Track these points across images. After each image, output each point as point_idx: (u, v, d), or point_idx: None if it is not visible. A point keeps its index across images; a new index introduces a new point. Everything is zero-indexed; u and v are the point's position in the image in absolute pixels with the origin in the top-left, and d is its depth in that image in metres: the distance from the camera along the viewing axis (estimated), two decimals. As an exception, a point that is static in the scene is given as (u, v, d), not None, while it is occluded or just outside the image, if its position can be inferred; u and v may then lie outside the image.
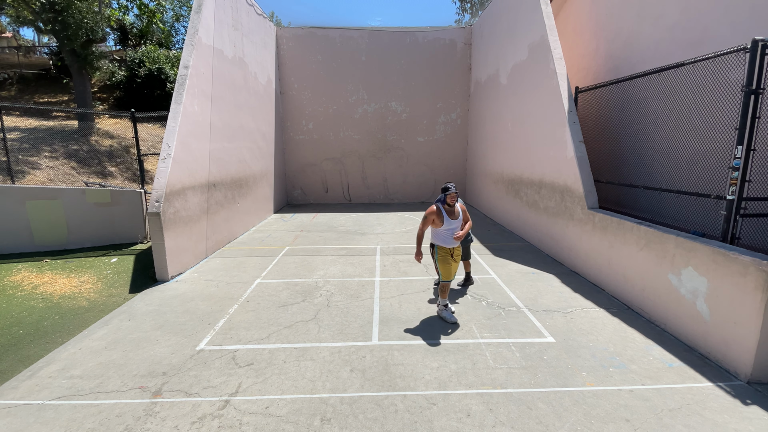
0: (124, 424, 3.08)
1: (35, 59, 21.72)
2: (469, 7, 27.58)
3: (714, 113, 4.89)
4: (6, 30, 25.95)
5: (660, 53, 6.57)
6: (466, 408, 3.24)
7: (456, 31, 13.93)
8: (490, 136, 11.68)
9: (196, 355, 4.08)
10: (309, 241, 8.79)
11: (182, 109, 6.97)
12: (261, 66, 11.42)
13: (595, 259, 6.05)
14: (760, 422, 3.07)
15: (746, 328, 3.56)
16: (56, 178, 10.39)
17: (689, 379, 3.64)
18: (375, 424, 3.07)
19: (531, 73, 8.58)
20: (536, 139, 8.34)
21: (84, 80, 14.43)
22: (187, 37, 7.65)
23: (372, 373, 3.74)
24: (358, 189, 14.56)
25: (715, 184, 4.74)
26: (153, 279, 6.32)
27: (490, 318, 4.89)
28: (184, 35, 23.42)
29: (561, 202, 7.15)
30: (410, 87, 13.95)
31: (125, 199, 8.17)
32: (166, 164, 6.50)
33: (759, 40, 4.07)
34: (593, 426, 3.03)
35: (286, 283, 6.19)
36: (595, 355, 4.03)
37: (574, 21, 9.48)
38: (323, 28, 13.55)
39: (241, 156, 9.76)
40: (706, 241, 4.14)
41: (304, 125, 14.00)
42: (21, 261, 7.17)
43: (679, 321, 4.35)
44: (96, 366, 3.91)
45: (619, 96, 6.88)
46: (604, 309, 5.15)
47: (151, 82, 17.21)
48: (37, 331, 4.70)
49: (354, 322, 4.81)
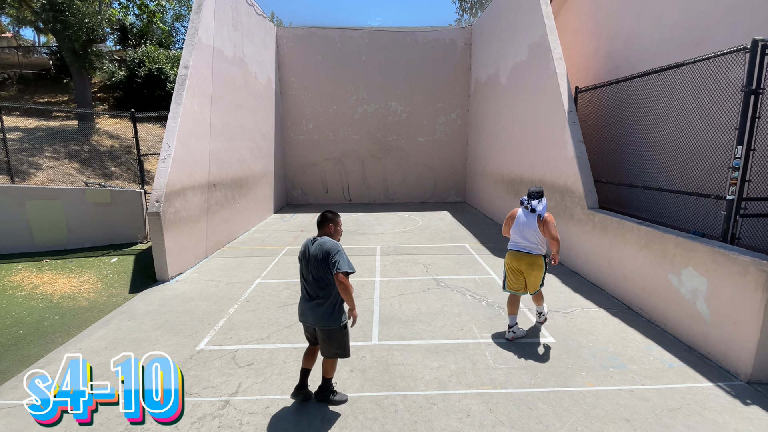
0: (124, 424, 3.08)
1: (35, 59, 21.72)
2: (468, 7, 27.58)
3: (714, 113, 4.88)
4: (6, 30, 25.95)
5: (660, 53, 6.56)
6: (466, 408, 3.24)
7: (456, 31, 13.94)
8: (490, 136, 11.67)
9: (196, 355, 4.08)
10: (309, 241, 8.78)
11: (182, 109, 6.97)
12: (261, 66, 11.41)
13: (595, 259, 6.05)
14: (760, 422, 3.07)
15: (746, 328, 3.55)
16: (56, 178, 10.39)
17: (689, 379, 3.64)
18: (375, 424, 3.07)
19: (531, 73, 8.58)
20: (536, 139, 8.34)
21: (84, 80, 14.42)
22: (187, 37, 7.65)
23: (372, 373, 3.73)
24: (358, 189, 14.56)
25: (715, 184, 4.74)
26: (153, 279, 6.31)
27: (490, 318, 4.89)
28: (184, 35, 23.41)
29: (561, 202, 7.15)
30: (410, 87, 13.95)
31: (125, 199, 8.17)
32: (166, 164, 6.50)
33: (759, 40, 4.07)
34: (593, 426, 3.03)
35: (286, 283, 6.19)
36: (595, 355, 4.03)
37: (574, 21, 9.47)
38: (323, 28, 13.55)
39: (241, 156, 9.76)
40: (706, 241, 4.14)
41: (304, 125, 14.00)
42: (21, 261, 7.17)
43: (679, 321, 4.35)
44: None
45: (619, 96, 6.88)
46: (604, 309, 5.15)
47: (151, 82, 17.20)
48: (37, 331, 4.70)
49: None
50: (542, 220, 4.19)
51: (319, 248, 3.03)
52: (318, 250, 3.03)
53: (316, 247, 3.05)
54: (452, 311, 5.09)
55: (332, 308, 3.05)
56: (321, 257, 3.00)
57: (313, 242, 3.12)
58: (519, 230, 4.33)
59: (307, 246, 3.12)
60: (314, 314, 3.05)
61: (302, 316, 3.17)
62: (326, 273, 3.01)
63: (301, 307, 3.16)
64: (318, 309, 3.04)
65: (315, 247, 3.05)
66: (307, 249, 3.10)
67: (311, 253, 3.05)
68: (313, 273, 3.03)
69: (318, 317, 3.04)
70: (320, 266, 3.01)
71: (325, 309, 3.03)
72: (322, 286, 3.04)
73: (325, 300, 3.03)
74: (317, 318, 3.05)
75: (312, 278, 3.05)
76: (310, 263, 3.04)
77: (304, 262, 3.10)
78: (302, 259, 3.13)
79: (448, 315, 4.98)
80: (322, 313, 3.04)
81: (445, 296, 5.58)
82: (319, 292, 3.04)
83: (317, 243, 3.08)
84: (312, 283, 3.06)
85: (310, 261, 3.04)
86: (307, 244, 3.14)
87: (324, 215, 3.22)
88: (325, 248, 3.01)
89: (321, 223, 3.20)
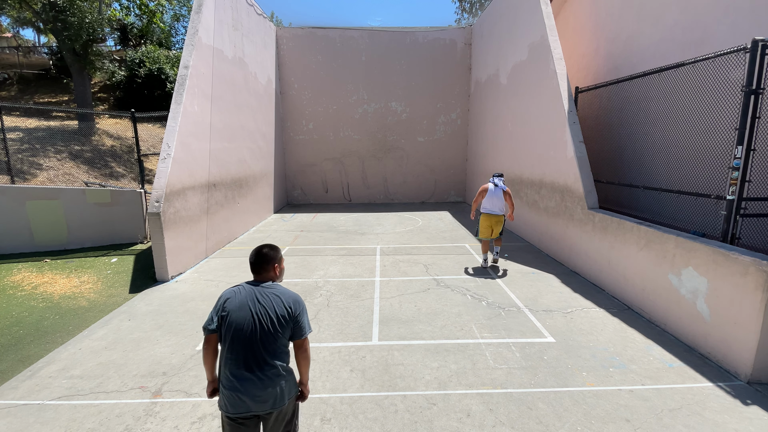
0: (124, 424, 3.08)
1: (35, 59, 21.71)
2: (468, 7, 27.59)
3: (714, 113, 4.89)
4: (6, 30, 25.95)
5: (660, 53, 6.57)
6: (466, 408, 3.24)
7: (456, 31, 13.94)
8: (490, 136, 11.67)
9: (196, 355, 4.08)
10: (309, 241, 8.79)
11: (182, 109, 6.97)
12: (261, 66, 11.41)
13: (595, 259, 6.05)
14: (760, 422, 3.06)
15: (746, 328, 3.55)
16: (56, 178, 10.40)
17: (689, 379, 3.64)
18: (375, 424, 3.06)
19: (531, 73, 8.58)
20: (536, 139, 8.34)
21: (84, 80, 14.43)
22: (187, 37, 7.65)
23: (372, 373, 3.73)
24: (358, 189, 14.56)
25: (715, 184, 4.74)
26: (153, 279, 6.32)
27: (490, 318, 4.89)
28: (184, 35, 23.43)
29: (561, 202, 7.15)
30: (410, 87, 13.95)
31: (125, 199, 8.17)
32: (166, 164, 6.50)
33: (759, 40, 4.07)
34: (593, 426, 3.03)
35: (286, 283, 6.19)
36: (595, 355, 4.03)
37: (574, 21, 9.48)
38: (323, 28, 13.55)
39: (241, 156, 9.76)
40: (706, 241, 4.14)
41: (304, 125, 14.00)
42: (21, 261, 7.17)
43: (679, 321, 4.35)
44: (96, 366, 3.91)
45: (619, 96, 6.88)
46: (604, 309, 5.15)
47: (151, 82, 17.20)
48: (37, 331, 4.70)
49: (354, 322, 4.81)
50: (506, 193, 6.62)
51: (276, 301, 2.11)
52: (275, 304, 2.10)
53: (268, 298, 2.11)
54: (452, 311, 5.09)
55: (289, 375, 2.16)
56: (282, 314, 2.09)
57: (255, 291, 2.14)
58: (490, 200, 6.63)
59: (246, 298, 2.10)
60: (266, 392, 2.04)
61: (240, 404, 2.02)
62: (284, 335, 2.10)
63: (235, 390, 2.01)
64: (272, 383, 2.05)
65: (266, 298, 2.11)
66: (246, 303, 2.09)
67: (261, 305, 2.09)
68: (261, 337, 2.05)
69: (276, 395, 2.07)
70: (279, 326, 2.08)
71: (284, 382, 2.10)
72: (275, 353, 2.08)
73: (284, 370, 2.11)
74: (276, 396, 2.06)
75: (261, 344, 2.05)
76: (259, 321, 2.06)
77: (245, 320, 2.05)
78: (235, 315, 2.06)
79: (448, 315, 4.98)
80: (281, 387, 2.08)
81: (445, 296, 5.58)
82: (270, 359, 2.06)
83: (269, 294, 2.13)
84: (259, 350, 2.05)
85: (259, 319, 2.06)
86: (243, 297, 2.11)
87: (263, 254, 2.23)
88: (287, 302, 2.13)
89: (261, 264, 2.22)
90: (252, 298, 2.11)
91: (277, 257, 2.27)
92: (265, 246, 2.28)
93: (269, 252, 2.25)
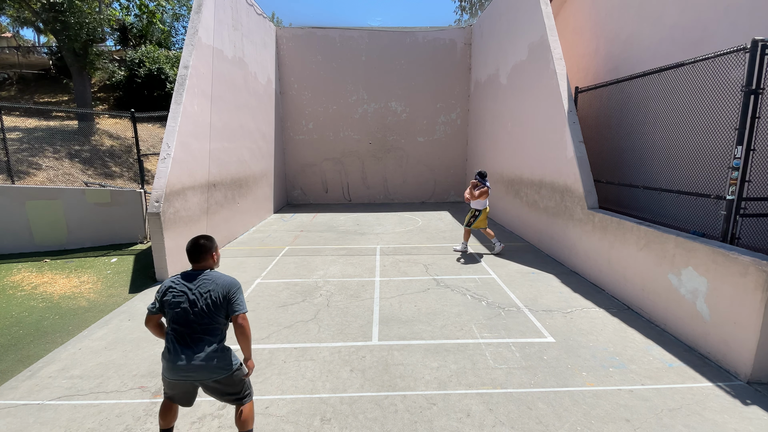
0: (124, 424, 3.08)
1: (35, 59, 21.71)
2: (468, 7, 27.58)
3: (714, 113, 4.89)
4: (6, 30, 25.95)
5: (660, 53, 6.57)
6: (466, 408, 3.24)
7: (456, 31, 13.93)
8: (490, 136, 11.68)
9: (196, 355, 4.07)
10: (309, 241, 8.79)
11: (182, 109, 6.97)
12: (261, 66, 11.42)
13: (594, 259, 6.05)
14: (760, 422, 3.07)
15: (746, 328, 3.56)
16: (56, 178, 10.39)
17: (689, 379, 3.64)
18: (375, 424, 3.07)
19: (531, 73, 8.58)
20: (536, 139, 8.34)
21: (84, 80, 14.43)
22: (187, 37, 7.65)
23: (372, 373, 3.73)
24: (358, 189, 14.56)
25: (715, 184, 4.74)
26: (153, 279, 6.32)
27: (490, 318, 4.89)
28: (184, 35, 23.41)
29: (561, 202, 7.15)
30: (410, 87, 13.95)
31: (125, 199, 8.17)
32: (166, 164, 6.50)
33: (759, 40, 4.07)
34: (593, 426, 3.03)
35: (286, 283, 6.19)
36: (595, 355, 4.03)
37: (574, 21, 9.48)
38: (323, 28, 13.55)
39: (241, 156, 9.76)
40: (706, 241, 4.14)
41: (304, 125, 14.01)
42: (21, 261, 7.17)
43: (679, 321, 4.35)
44: (96, 366, 3.91)
45: (619, 96, 6.88)
46: (604, 309, 5.15)
47: (151, 82, 17.21)
48: (37, 331, 4.70)
49: (354, 322, 4.81)
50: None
51: (212, 286, 2.42)
52: (211, 288, 2.41)
53: (204, 284, 2.43)
54: (452, 311, 5.09)
55: (223, 351, 2.46)
56: (216, 297, 2.40)
57: (191, 279, 2.45)
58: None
59: (185, 286, 2.42)
60: (203, 365, 2.36)
61: (180, 372, 2.37)
62: (219, 315, 2.42)
63: (175, 362, 2.36)
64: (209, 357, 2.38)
65: (202, 284, 2.43)
66: (185, 291, 2.41)
67: (197, 292, 2.40)
68: (197, 317, 2.38)
69: (211, 368, 2.39)
70: (213, 308, 2.40)
71: (219, 355, 2.41)
72: (209, 331, 2.41)
73: (217, 345, 2.43)
74: (210, 368, 2.39)
75: (196, 323, 2.39)
76: (195, 306, 2.38)
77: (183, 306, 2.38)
78: (173, 302, 2.39)
79: (448, 315, 4.98)
80: (216, 360, 2.40)
81: (445, 296, 5.58)
82: (205, 337, 2.40)
83: (204, 280, 2.45)
84: (196, 328, 2.39)
85: (195, 303, 2.38)
86: (182, 286, 2.43)
87: (200, 245, 2.52)
88: (223, 285, 2.44)
89: (199, 253, 2.52)
90: (190, 283, 2.43)
91: (213, 247, 2.59)
92: (201, 237, 2.57)
93: (205, 243, 2.55)
